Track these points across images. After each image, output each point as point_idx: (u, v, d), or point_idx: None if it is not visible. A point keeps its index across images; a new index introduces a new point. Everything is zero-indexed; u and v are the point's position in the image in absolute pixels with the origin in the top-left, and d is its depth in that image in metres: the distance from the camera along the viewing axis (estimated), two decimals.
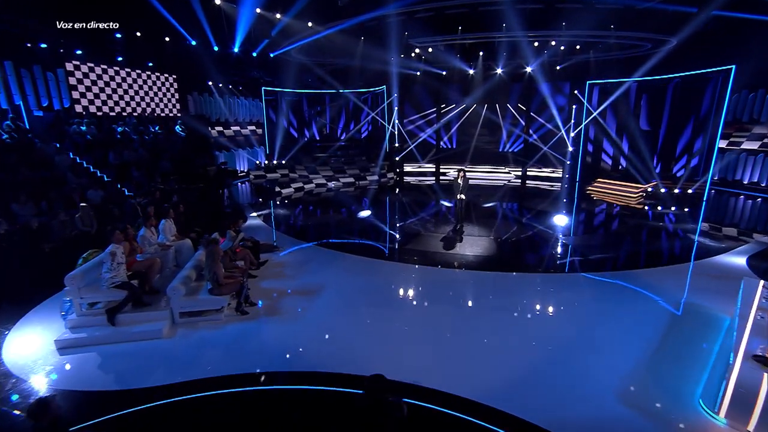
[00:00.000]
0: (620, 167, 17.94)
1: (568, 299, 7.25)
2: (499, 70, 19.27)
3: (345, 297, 7.34)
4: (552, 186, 18.27)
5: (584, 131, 18.55)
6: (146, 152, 13.35)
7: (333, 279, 8.09)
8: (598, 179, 17.40)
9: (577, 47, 16.00)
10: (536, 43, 15.75)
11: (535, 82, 19.27)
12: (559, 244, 10.53)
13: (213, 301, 6.32)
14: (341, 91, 21.60)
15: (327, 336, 6.05)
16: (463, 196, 11.44)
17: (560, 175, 19.72)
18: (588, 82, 17.91)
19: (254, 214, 13.23)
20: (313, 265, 8.87)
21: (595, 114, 17.89)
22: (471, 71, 19.36)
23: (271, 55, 17.97)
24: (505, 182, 19.34)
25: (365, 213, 13.59)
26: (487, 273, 8.49)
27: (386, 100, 20.67)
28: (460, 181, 11.36)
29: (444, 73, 19.89)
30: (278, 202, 15.31)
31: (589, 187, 17.15)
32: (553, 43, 15.41)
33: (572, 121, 18.76)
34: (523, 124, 20.14)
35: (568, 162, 19.26)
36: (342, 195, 16.59)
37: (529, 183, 19.02)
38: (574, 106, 18.60)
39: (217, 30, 15.61)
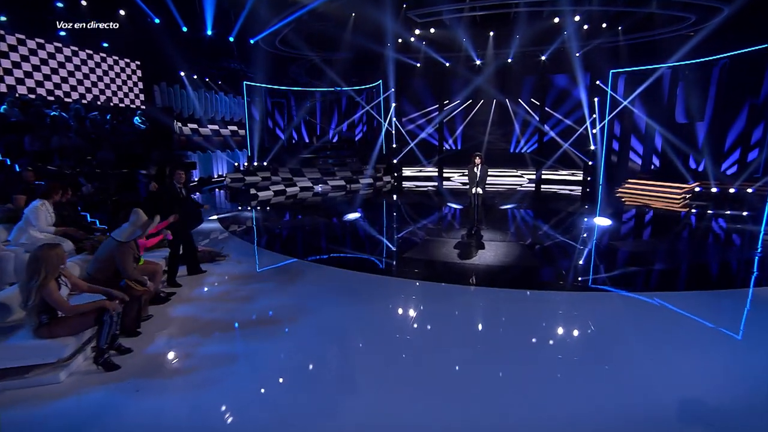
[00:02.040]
0: (653, 166, 14.99)
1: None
2: (509, 60, 16.57)
3: (313, 340, 4.21)
4: (572, 190, 15.29)
5: (608, 127, 15.69)
6: (83, 141, 10.37)
7: (301, 305, 4.97)
8: (629, 180, 14.43)
9: (604, 25, 13.24)
10: (557, 19, 13.02)
11: (551, 72, 16.59)
12: (607, 253, 7.44)
13: (36, 349, 3.19)
14: (337, 89, 18.88)
15: (267, 422, 2.92)
16: (480, 191, 8.43)
17: (580, 178, 16.77)
18: (612, 71, 15.16)
19: (214, 217, 10.17)
20: (277, 284, 5.76)
21: (626, 103, 14.98)
22: (478, 61, 16.64)
23: (251, 41, 15.23)
24: (517, 186, 16.38)
25: (353, 215, 10.54)
26: (521, 292, 5.39)
27: (382, 95, 17.89)
28: (477, 170, 8.37)
29: (448, 64, 17.17)
30: (254, 207, 12.25)
31: (620, 190, 14.16)
32: (578, 18, 12.66)
33: (594, 115, 15.92)
34: (538, 120, 17.27)
35: (591, 162, 16.32)
36: (330, 200, 13.55)
37: (545, 187, 16.06)
38: (596, 99, 15.79)
39: (184, 5, 12.91)
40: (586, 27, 13.55)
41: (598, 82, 15.45)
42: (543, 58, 16.08)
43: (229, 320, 4.53)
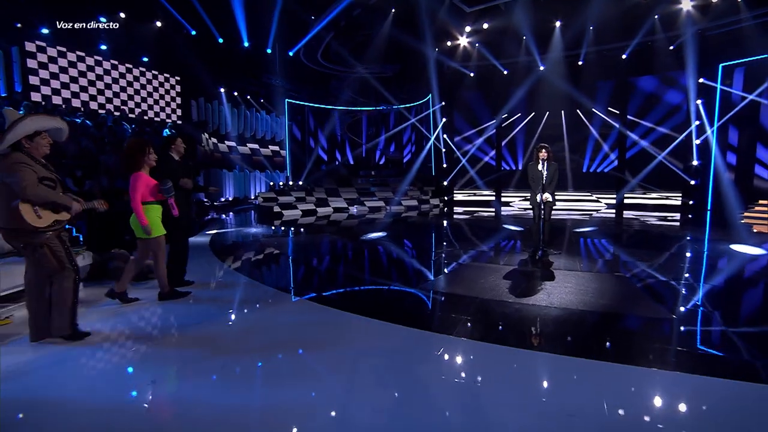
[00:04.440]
0: None
1: None
2: (580, 62, 13.76)
3: None
4: (665, 219, 11.64)
5: (719, 136, 12.00)
6: (93, 145, 9.53)
7: (216, 360, 2.74)
8: (762, 202, 10.52)
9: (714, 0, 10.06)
10: None
11: (634, 74, 13.45)
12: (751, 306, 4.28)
13: None
14: (383, 107, 17.41)
15: None
16: (549, 197, 5.78)
17: (678, 201, 12.98)
18: (722, 64, 11.71)
19: (212, 231, 8.50)
20: (207, 316, 3.62)
21: (753, 97, 11.24)
22: (542, 66, 14.05)
23: (290, 53, 14.27)
24: (592, 213, 13.03)
25: (376, 234, 8.25)
26: (613, 366, 2.57)
27: (431, 108, 15.88)
28: (541, 168, 5.75)
29: (506, 72, 14.78)
30: (270, 226, 10.52)
31: (747, 214, 10.33)
32: None
33: (697, 123, 12.34)
34: (617, 133, 13.94)
35: (694, 182, 12.57)
36: (365, 221, 11.44)
37: (629, 214, 12.59)
38: (699, 102, 12.27)
39: (219, 17, 12.25)
40: (688, 7, 10.44)
41: (702, 80, 11.99)
42: (624, 56, 13.06)
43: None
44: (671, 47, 12.05)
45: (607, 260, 5.95)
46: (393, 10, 11.40)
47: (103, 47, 11.85)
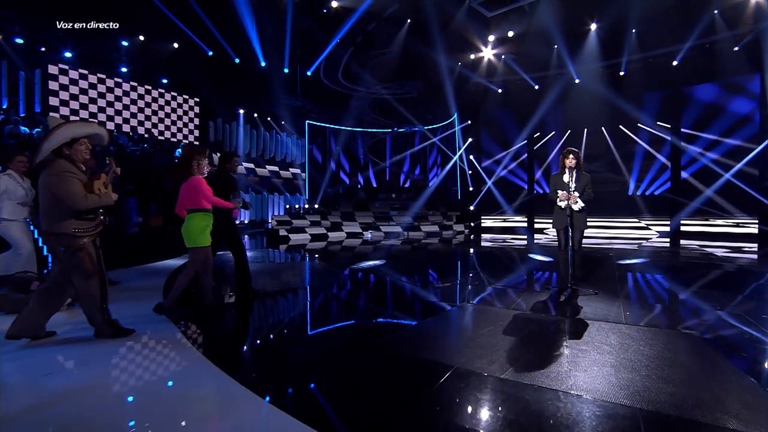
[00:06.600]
0: None
1: None
2: (622, 72, 12.02)
3: None
4: (739, 250, 9.35)
5: None
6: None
7: None
8: None
9: None
10: None
11: (688, 83, 11.48)
12: None
13: None
14: (404, 128, 16.46)
15: None
16: (577, 206, 4.27)
17: (753, 229, 10.56)
18: None
19: None
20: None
21: None
22: (577, 80, 12.45)
23: (308, 73, 13.74)
24: (641, 243, 10.93)
25: (369, 263, 6.92)
26: None
27: (457, 126, 14.61)
28: (568, 179, 4.29)
29: (537, 86, 13.29)
30: (278, 252, 9.54)
31: None
32: None
33: None
34: (672, 149, 11.82)
35: None
36: (373, 250, 10.16)
37: (687, 243, 10.35)
38: None
39: (231, 34, 11.98)
40: None
41: None
42: (675, 63, 11.19)
43: None
44: (736, 48, 10.09)
45: (666, 307, 4.21)
46: (409, 21, 10.46)
47: (124, 69, 11.87)
